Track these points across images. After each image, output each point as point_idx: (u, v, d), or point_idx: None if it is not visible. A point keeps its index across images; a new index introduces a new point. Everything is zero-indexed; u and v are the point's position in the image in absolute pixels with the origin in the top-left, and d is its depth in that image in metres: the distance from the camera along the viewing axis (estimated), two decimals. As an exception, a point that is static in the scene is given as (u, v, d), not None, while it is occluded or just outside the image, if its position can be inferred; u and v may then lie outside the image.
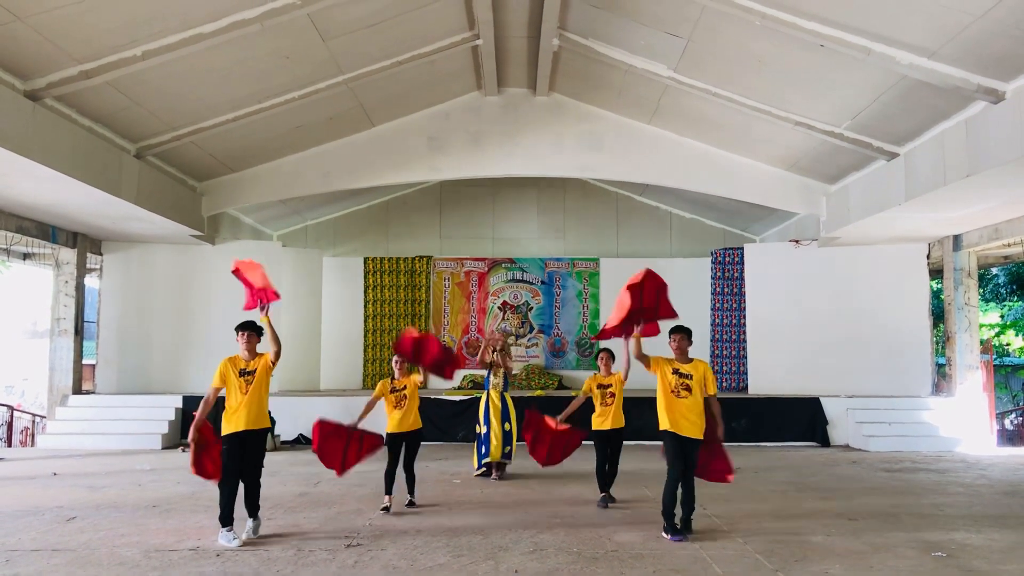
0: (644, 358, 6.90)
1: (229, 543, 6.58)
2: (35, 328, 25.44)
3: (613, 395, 8.38)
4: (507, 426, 9.96)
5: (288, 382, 15.68)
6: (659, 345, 7.20)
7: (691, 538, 6.75)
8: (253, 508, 6.97)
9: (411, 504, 8.21)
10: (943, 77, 9.04)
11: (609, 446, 8.49)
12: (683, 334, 7.02)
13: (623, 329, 7.06)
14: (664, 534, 6.79)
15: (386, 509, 7.92)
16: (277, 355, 6.90)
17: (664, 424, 6.88)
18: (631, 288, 6.92)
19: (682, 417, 6.80)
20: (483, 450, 9.93)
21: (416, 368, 8.30)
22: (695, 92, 11.90)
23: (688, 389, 6.83)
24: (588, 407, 8.61)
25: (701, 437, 6.84)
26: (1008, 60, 8.47)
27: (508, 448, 9.94)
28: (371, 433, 7.92)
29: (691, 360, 6.99)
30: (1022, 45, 8.15)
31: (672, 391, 6.85)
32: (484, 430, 9.94)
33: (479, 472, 10.08)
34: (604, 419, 8.41)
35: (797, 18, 9.05)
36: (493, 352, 10.19)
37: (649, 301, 6.92)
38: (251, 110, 11.92)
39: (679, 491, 6.87)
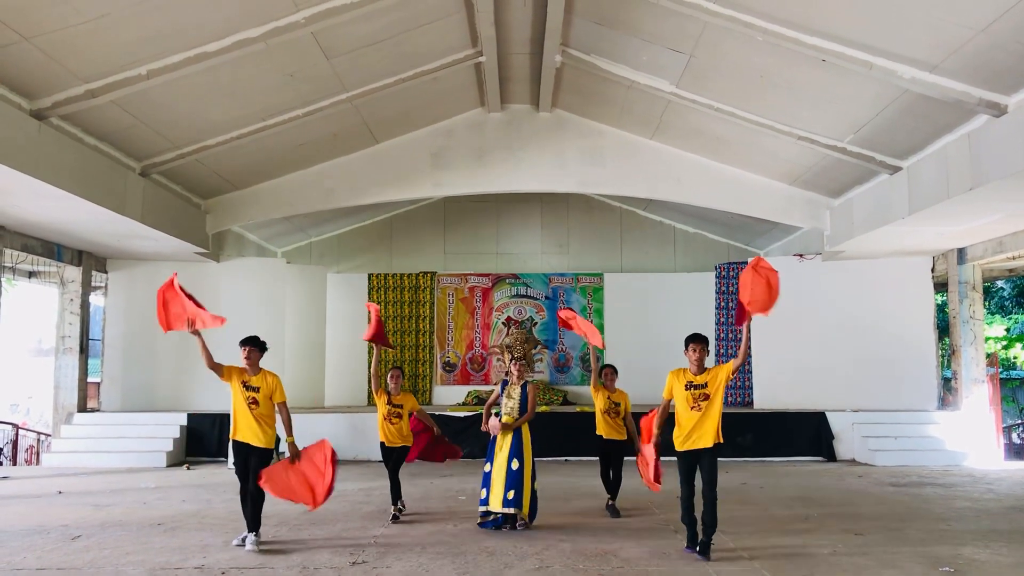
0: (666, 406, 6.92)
1: (234, 540, 7.22)
2: (40, 346, 25.47)
3: (617, 411, 8.67)
4: (515, 464, 7.73)
5: (292, 399, 15.45)
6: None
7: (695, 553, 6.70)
8: (254, 524, 7.04)
9: (395, 518, 8.38)
10: (945, 91, 9.06)
11: (611, 454, 8.71)
12: (703, 344, 6.78)
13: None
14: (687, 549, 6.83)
15: (395, 518, 8.34)
16: (285, 418, 7.36)
17: (676, 443, 6.72)
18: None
19: (695, 430, 6.60)
20: (484, 494, 7.86)
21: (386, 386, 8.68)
22: (697, 107, 11.92)
23: (707, 398, 6.62)
24: (589, 420, 8.83)
25: (713, 443, 6.57)
26: (1009, 74, 8.48)
27: (512, 492, 7.68)
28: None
29: (705, 370, 6.74)
30: (1023, 59, 8.17)
31: (692, 407, 6.63)
32: (487, 468, 7.88)
33: (479, 521, 7.98)
34: (606, 430, 8.65)
35: (799, 33, 9.08)
36: (512, 360, 8.33)
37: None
38: (255, 128, 11.96)
39: (701, 510, 6.65)
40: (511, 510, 7.69)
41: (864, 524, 8.14)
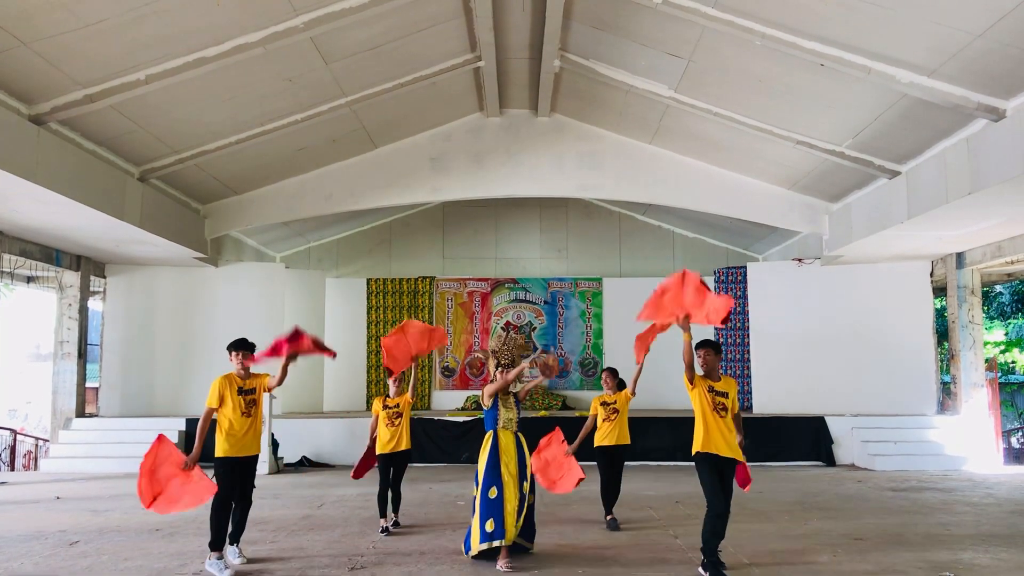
0: (691, 370, 6.29)
1: (220, 573, 6.31)
2: (38, 351, 25.46)
3: (616, 411, 8.35)
4: (525, 486, 6.65)
5: (291, 404, 15.65)
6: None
7: (698, 560, 6.50)
8: (238, 534, 6.82)
9: (396, 524, 8.21)
10: (943, 95, 9.07)
11: (612, 463, 8.38)
12: (709, 348, 6.50)
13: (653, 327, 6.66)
14: (702, 571, 6.22)
15: (386, 531, 7.94)
16: (279, 384, 6.78)
17: (699, 445, 6.27)
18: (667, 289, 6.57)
19: (721, 437, 6.28)
20: (492, 525, 6.45)
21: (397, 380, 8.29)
22: (696, 112, 11.93)
23: (724, 408, 6.36)
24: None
25: (737, 457, 6.34)
26: (1008, 78, 8.49)
27: (520, 521, 6.54)
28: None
29: (721, 377, 6.52)
30: (1021, 63, 8.18)
31: (713, 409, 6.33)
32: (495, 493, 6.53)
33: (475, 553, 6.60)
34: (607, 435, 8.33)
35: (797, 38, 9.09)
36: (498, 368, 6.92)
37: (691, 302, 6.44)
38: (254, 133, 11.97)
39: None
40: (526, 543, 6.88)
41: (864, 529, 8.12)
